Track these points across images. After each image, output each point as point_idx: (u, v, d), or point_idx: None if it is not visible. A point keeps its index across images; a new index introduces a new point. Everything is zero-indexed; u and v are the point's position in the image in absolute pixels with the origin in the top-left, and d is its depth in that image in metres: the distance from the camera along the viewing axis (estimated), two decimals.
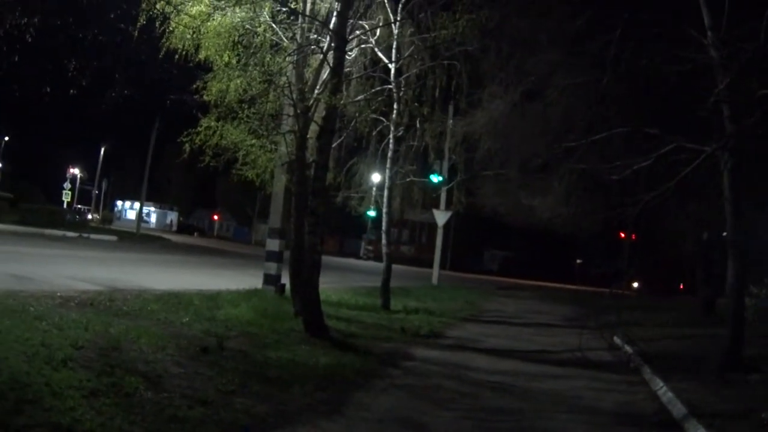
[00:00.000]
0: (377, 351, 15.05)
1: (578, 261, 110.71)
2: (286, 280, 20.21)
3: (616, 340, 21.43)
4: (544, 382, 13.88)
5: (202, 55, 17.60)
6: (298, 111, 17.54)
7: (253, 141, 18.29)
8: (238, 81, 17.31)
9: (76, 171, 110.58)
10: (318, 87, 18.01)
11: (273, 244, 21.70)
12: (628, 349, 19.48)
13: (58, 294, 14.69)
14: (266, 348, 12.98)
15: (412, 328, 19.73)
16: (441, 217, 43.71)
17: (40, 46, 19.29)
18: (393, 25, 23.51)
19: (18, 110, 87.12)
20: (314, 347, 13.85)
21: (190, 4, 16.84)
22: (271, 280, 21.31)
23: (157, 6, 16.38)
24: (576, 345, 19.06)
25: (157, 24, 16.84)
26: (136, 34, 17.03)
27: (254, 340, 13.60)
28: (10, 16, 15.94)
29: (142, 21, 16.70)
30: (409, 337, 18.12)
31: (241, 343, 13.01)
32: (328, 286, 22.50)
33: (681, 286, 71.78)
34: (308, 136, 17.81)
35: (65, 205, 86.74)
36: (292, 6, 17.93)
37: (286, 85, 17.85)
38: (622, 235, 59.44)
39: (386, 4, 23.40)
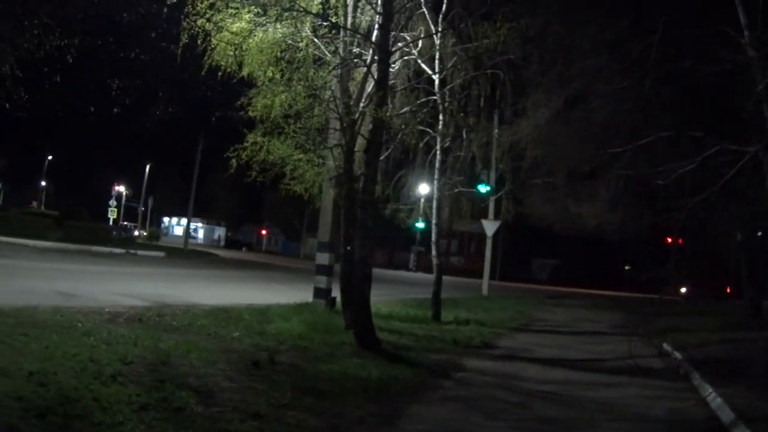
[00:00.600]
0: (429, 363, 15.02)
1: (626, 267, 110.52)
2: (336, 293, 20.19)
3: (666, 346, 21.28)
4: (595, 391, 13.78)
5: (245, 72, 17.68)
6: (345, 125, 17.49)
7: (300, 155, 18.32)
8: (283, 96, 17.35)
9: (121, 188, 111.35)
10: (363, 100, 17.95)
11: (323, 258, 21.66)
12: (677, 355, 19.32)
13: (106, 310, 14.84)
14: (318, 361, 12.97)
15: (464, 339, 19.64)
16: (490, 227, 43.55)
17: (82, 66, 19.45)
18: (435, 36, 23.45)
19: (62, 130, 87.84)
20: (366, 360, 13.77)
21: (230, 21, 16.94)
22: (321, 293, 21.25)
23: (198, 23, 16.49)
24: (626, 352, 19.02)
25: (199, 41, 16.94)
26: (179, 52, 17.13)
27: (306, 354, 13.60)
28: (51, 37, 16.06)
29: (184, 39, 16.82)
30: (460, 348, 18.02)
31: (292, 357, 13.01)
32: (379, 298, 22.40)
33: (728, 290, 71.26)
34: (355, 149, 17.78)
35: (111, 222, 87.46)
36: (333, 20, 17.92)
37: (331, 99, 17.86)
38: (669, 240, 59.21)
39: (427, 16, 23.35)
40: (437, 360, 15.58)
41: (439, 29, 23.59)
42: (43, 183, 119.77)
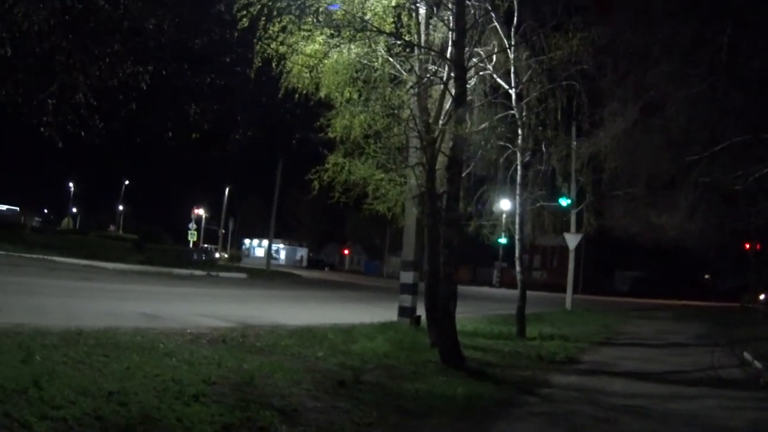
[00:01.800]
0: (514, 379, 14.92)
1: (707, 276, 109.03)
2: (421, 311, 20.20)
3: (747, 356, 21.00)
4: (679, 404, 13.60)
5: (322, 93, 17.83)
6: (425, 143, 17.55)
7: (382, 175, 18.47)
8: (362, 117, 17.43)
9: (200, 211, 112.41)
10: (442, 117, 17.96)
11: (407, 277, 21.72)
12: (757, 364, 19.07)
13: (188, 331, 14.99)
14: (403, 380, 12.95)
15: (548, 354, 19.52)
16: (572, 240, 43.28)
17: (158, 92, 19.73)
18: (508, 50, 23.36)
19: (140, 155, 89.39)
20: (451, 378, 13.72)
21: (304, 43, 17.08)
22: (405, 312, 21.30)
23: (272, 46, 16.66)
24: (708, 363, 18.79)
25: (274, 64, 17.10)
26: (252, 75, 17.31)
27: (391, 373, 13.59)
28: (124, 65, 16.24)
29: (257, 63, 16.99)
30: (545, 364, 17.89)
31: (377, 376, 13.01)
32: (463, 315, 22.36)
33: None
34: (437, 167, 17.79)
35: (191, 245, 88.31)
36: (407, 39, 17.93)
37: (410, 118, 17.92)
38: (747, 246, 58.37)
39: (499, 30, 23.25)
40: (522, 376, 15.48)
41: (512, 43, 23.50)
42: (120, 207, 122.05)
